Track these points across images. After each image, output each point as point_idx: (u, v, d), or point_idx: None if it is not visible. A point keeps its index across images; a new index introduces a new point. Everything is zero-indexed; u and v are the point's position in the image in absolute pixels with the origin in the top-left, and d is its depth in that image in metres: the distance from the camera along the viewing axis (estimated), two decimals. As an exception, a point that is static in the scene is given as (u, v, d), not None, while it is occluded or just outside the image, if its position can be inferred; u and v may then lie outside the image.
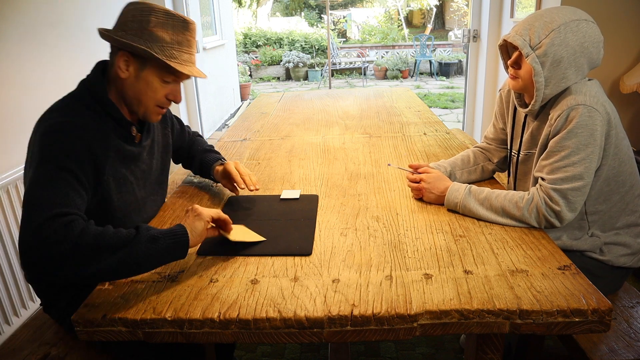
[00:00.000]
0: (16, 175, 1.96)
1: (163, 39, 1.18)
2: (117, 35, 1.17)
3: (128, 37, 1.16)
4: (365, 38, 13.53)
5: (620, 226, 1.38)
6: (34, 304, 2.06)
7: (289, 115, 2.73)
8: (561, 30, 1.24)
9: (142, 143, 1.33)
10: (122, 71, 1.19)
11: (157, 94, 1.22)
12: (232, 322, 0.95)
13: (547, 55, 1.25)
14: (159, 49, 1.17)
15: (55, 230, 0.94)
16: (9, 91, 2.02)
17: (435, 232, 1.26)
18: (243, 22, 14.91)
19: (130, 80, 1.20)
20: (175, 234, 1.04)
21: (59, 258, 0.92)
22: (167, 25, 1.18)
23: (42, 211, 0.97)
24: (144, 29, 1.17)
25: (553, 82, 1.28)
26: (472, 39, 3.75)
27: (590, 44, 1.26)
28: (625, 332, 1.28)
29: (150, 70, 1.19)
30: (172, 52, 1.19)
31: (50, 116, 1.17)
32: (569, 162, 1.24)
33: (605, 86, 2.74)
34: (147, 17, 1.17)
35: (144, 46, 1.15)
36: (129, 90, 1.22)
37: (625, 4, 2.64)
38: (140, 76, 1.20)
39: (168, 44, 1.18)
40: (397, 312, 0.94)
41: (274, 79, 11.00)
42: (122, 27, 1.18)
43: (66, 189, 1.05)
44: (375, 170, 1.74)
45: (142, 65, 1.19)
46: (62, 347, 1.29)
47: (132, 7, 1.19)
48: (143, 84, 1.20)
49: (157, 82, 1.21)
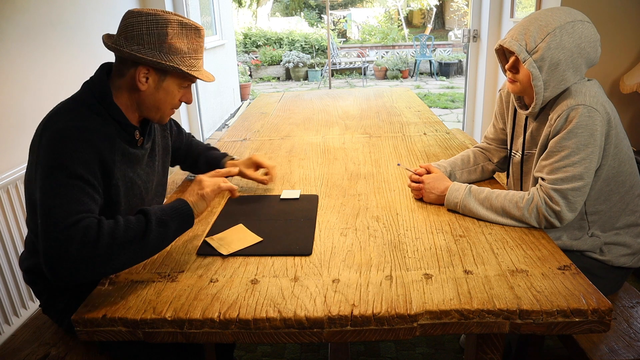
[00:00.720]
0: (16, 175, 1.96)
1: (181, 49, 1.19)
2: (133, 50, 1.16)
3: (148, 52, 1.16)
4: (365, 38, 13.53)
5: (620, 226, 1.38)
6: (34, 304, 2.06)
7: (289, 115, 2.73)
8: (557, 33, 1.24)
9: (144, 146, 1.34)
10: (141, 84, 1.20)
11: (174, 100, 1.26)
12: (232, 322, 0.95)
13: (544, 60, 1.25)
14: (180, 61, 1.19)
15: (73, 238, 0.98)
16: (9, 91, 2.02)
17: (435, 232, 1.26)
18: (243, 22, 14.91)
19: (150, 91, 1.22)
20: (181, 213, 1.12)
21: (82, 263, 0.98)
22: (183, 35, 1.20)
23: (58, 221, 1.00)
24: (163, 42, 1.17)
25: (552, 84, 1.28)
26: (472, 39, 3.75)
27: (587, 44, 1.26)
28: (625, 332, 1.28)
29: (170, 81, 1.22)
30: (191, 61, 1.22)
31: (56, 119, 1.16)
32: (569, 162, 1.24)
33: (605, 86, 2.74)
34: (164, 30, 1.16)
35: (167, 61, 1.17)
36: (148, 100, 1.23)
37: (625, 4, 2.64)
38: (160, 87, 1.22)
39: (186, 54, 1.21)
40: (397, 312, 0.94)
41: (274, 79, 11.00)
42: (136, 41, 1.16)
43: (79, 195, 1.06)
44: (375, 170, 1.74)
45: (162, 77, 1.21)
46: (62, 347, 1.29)
47: (141, 19, 1.17)
48: (163, 93, 1.23)
49: (176, 91, 1.25)
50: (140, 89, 1.20)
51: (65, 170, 1.07)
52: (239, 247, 1.21)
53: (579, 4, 2.64)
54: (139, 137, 1.30)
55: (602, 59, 2.70)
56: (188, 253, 1.20)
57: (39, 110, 2.20)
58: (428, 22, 16.12)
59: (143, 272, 1.12)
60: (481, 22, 3.67)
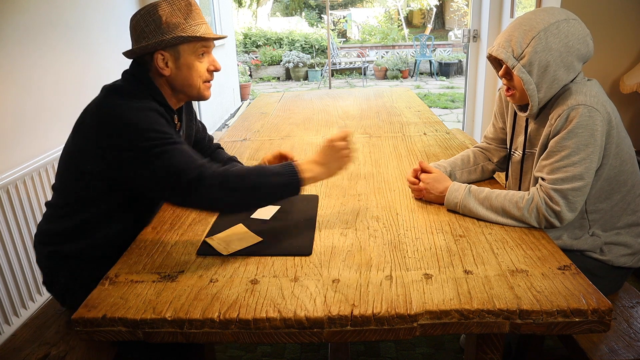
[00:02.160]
0: (16, 175, 1.96)
1: (179, 22, 1.27)
2: (143, 44, 1.26)
3: (152, 40, 1.25)
4: (365, 38, 13.53)
5: (621, 226, 1.38)
6: (34, 304, 2.06)
7: (289, 115, 2.73)
8: (541, 36, 1.25)
9: (180, 132, 1.44)
10: (164, 69, 1.29)
11: (200, 71, 1.32)
12: (232, 322, 0.95)
13: (532, 64, 1.26)
14: (182, 32, 1.26)
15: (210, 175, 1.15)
16: (9, 91, 2.02)
17: (435, 232, 1.26)
18: (243, 22, 14.91)
19: (174, 72, 1.30)
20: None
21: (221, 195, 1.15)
22: (175, 11, 1.27)
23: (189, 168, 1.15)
24: (160, 25, 1.25)
25: (545, 86, 1.29)
26: (472, 39, 3.75)
27: (575, 41, 1.26)
28: (625, 332, 1.28)
29: (185, 55, 1.29)
30: (193, 28, 1.28)
31: (112, 103, 1.24)
32: (569, 162, 1.24)
33: (605, 86, 2.74)
34: (156, 15, 1.26)
35: (170, 36, 1.25)
36: (177, 81, 1.31)
37: (625, 4, 2.64)
38: (180, 64, 1.29)
39: (185, 24, 1.27)
40: (397, 312, 0.94)
41: (274, 79, 11.00)
42: (142, 37, 1.27)
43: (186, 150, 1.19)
44: (375, 170, 1.74)
45: (176, 54, 1.28)
46: (62, 347, 1.30)
47: (137, 18, 1.28)
48: (185, 69, 1.30)
49: (195, 61, 1.31)
50: (165, 74, 1.29)
51: (154, 134, 1.17)
52: (239, 247, 1.21)
53: (578, 4, 2.63)
54: (177, 122, 1.40)
55: (602, 59, 2.70)
56: (188, 253, 1.20)
57: (39, 111, 2.20)
58: (428, 22, 16.11)
59: (143, 272, 1.12)
60: (481, 22, 3.67)
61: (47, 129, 2.24)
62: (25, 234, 2.01)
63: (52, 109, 2.28)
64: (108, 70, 2.86)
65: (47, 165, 2.15)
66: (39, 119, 2.20)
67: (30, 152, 2.12)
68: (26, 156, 2.09)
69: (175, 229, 1.33)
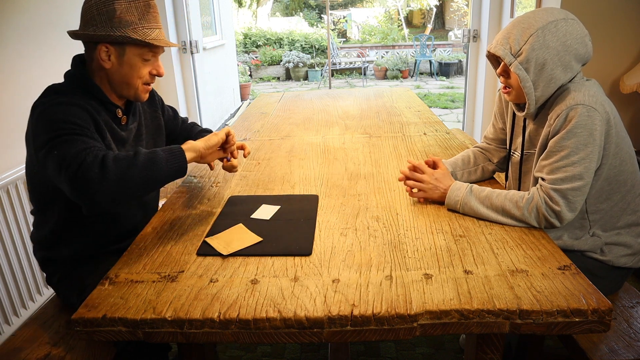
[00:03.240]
0: (16, 175, 1.96)
1: (132, 21, 1.24)
2: (89, 32, 1.24)
3: (101, 30, 1.23)
4: (365, 38, 13.53)
5: (621, 225, 1.37)
6: (34, 304, 2.06)
7: (289, 115, 2.73)
8: (539, 33, 1.26)
9: (129, 126, 1.40)
10: (105, 62, 1.27)
11: (141, 73, 1.31)
12: (232, 322, 0.95)
13: (529, 61, 1.27)
14: (132, 32, 1.24)
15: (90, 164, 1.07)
16: (9, 91, 2.02)
17: (435, 232, 1.26)
18: (243, 22, 14.90)
19: (115, 67, 1.28)
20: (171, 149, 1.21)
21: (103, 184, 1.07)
22: (132, 9, 1.25)
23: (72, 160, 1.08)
24: (112, 18, 1.23)
25: (542, 84, 1.29)
26: (472, 39, 3.74)
27: (573, 41, 1.27)
28: (625, 332, 1.28)
29: (130, 54, 1.27)
30: (144, 31, 1.26)
31: (43, 100, 1.24)
32: (568, 162, 1.24)
33: (605, 86, 2.74)
34: (112, 7, 1.23)
35: (119, 33, 1.23)
36: (115, 77, 1.29)
37: (625, 4, 2.64)
38: (122, 61, 1.27)
39: (138, 25, 1.25)
40: (397, 312, 0.94)
41: (274, 79, 11.00)
42: (91, 23, 1.25)
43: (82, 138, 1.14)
44: (375, 170, 1.74)
45: (121, 51, 1.26)
46: (62, 347, 1.30)
47: (92, 3, 1.25)
48: (127, 67, 1.28)
49: (139, 63, 1.29)
50: (105, 67, 1.27)
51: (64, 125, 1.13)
52: (239, 247, 1.21)
53: (579, 4, 2.63)
54: (121, 115, 1.35)
55: (602, 59, 2.70)
56: (188, 253, 1.20)
57: (39, 110, 2.20)
58: (428, 22, 16.11)
59: (143, 272, 1.12)
60: (481, 22, 3.67)
61: (47, 129, 2.24)
62: (25, 234, 2.01)
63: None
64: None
65: (47, 165, 2.15)
66: (39, 119, 2.20)
67: (30, 152, 2.12)
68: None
69: (175, 229, 1.33)
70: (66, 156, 1.09)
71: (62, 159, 1.09)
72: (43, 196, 1.32)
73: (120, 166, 1.09)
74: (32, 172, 1.30)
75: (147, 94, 1.37)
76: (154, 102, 1.57)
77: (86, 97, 1.27)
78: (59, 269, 1.41)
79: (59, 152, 1.10)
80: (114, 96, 1.34)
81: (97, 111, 1.26)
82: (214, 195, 1.57)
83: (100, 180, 1.06)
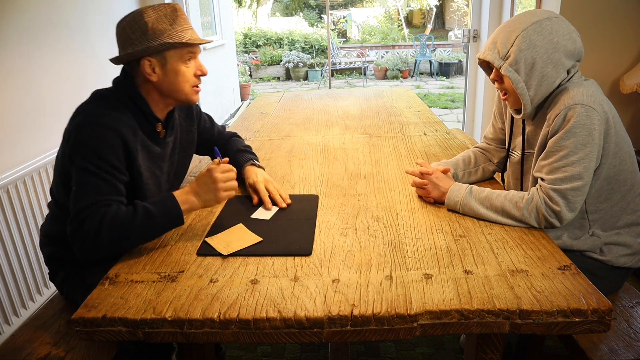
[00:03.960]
0: (16, 175, 1.96)
1: (165, 29, 1.27)
2: (129, 51, 1.27)
3: (139, 46, 1.26)
4: (365, 38, 13.52)
5: (621, 225, 1.37)
6: (34, 304, 2.06)
7: (289, 115, 2.73)
8: (524, 34, 1.27)
9: (166, 139, 1.42)
10: (151, 75, 1.29)
11: (187, 76, 1.33)
12: (232, 322, 0.95)
13: (518, 62, 1.28)
14: (168, 37, 1.27)
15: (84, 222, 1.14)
16: (9, 91, 2.02)
17: (435, 232, 1.26)
18: (243, 22, 14.90)
19: (161, 78, 1.30)
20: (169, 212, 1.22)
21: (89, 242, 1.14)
22: (161, 17, 1.27)
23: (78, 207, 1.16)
24: (146, 31, 1.26)
25: (534, 84, 1.30)
26: (472, 39, 3.74)
27: (560, 37, 1.28)
28: (625, 332, 1.28)
29: (172, 61, 1.29)
30: (179, 34, 1.29)
31: (88, 107, 1.28)
32: (567, 162, 1.24)
33: (605, 86, 2.74)
34: (142, 22, 1.26)
35: (157, 43, 1.25)
36: (164, 87, 1.32)
37: (625, 4, 2.64)
38: (167, 70, 1.30)
39: (172, 30, 1.28)
40: (397, 312, 0.94)
41: (274, 79, 10.99)
42: (129, 43, 1.27)
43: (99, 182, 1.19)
44: (375, 170, 1.74)
45: (163, 60, 1.29)
46: (62, 347, 1.30)
47: (123, 24, 1.28)
48: (172, 75, 1.30)
49: (182, 67, 1.31)
50: (152, 80, 1.29)
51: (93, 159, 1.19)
52: (239, 247, 1.21)
53: (578, 4, 2.63)
54: (161, 129, 1.39)
55: (602, 59, 2.70)
56: (188, 253, 1.20)
57: (39, 111, 2.20)
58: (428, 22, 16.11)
59: (143, 272, 1.12)
60: (481, 22, 3.66)
61: (47, 129, 2.24)
62: (25, 234, 2.01)
63: (52, 109, 2.28)
64: (107, 70, 2.85)
65: (47, 165, 2.15)
66: (39, 119, 2.20)
67: (30, 152, 2.12)
68: (26, 156, 2.09)
69: (176, 229, 1.33)
70: (77, 203, 1.17)
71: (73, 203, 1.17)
72: (67, 191, 1.31)
73: (114, 234, 1.15)
74: (62, 167, 1.31)
75: (198, 95, 1.40)
76: (191, 116, 1.57)
77: (128, 109, 1.30)
78: (65, 267, 1.42)
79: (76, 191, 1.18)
80: (158, 109, 1.36)
81: (134, 130, 1.28)
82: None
83: (92, 246, 1.15)
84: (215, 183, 1.26)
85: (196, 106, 1.61)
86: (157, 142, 1.38)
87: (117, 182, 1.22)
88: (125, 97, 1.30)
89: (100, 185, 1.19)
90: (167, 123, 1.42)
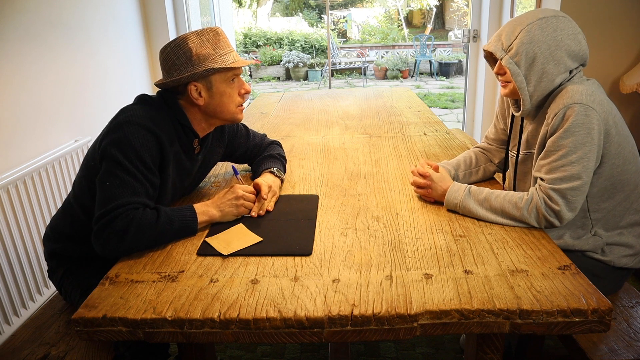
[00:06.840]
0: (16, 175, 1.96)
1: (209, 54, 1.31)
2: (175, 77, 1.30)
3: (185, 72, 1.30)
4: (365, 38, 13.53)
5: (624, 225, 1.37)
6: (34, 304, 2.06)
7: (289, 115, 2.73)
8: (529, 29, 1.29)
9: (198, 156, 1.46)
10: (198, 99, 1.33)
11: (233, 97, 1.38)
12: (232, 322, 0.95)
13: (519, 55, 1.29)
14: (212, 62, 1.30)
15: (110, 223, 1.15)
16: (9, 91, 2.02)
17: (435, 232, 1.26)
18: (243, 22, 14.90)
19: (207, 101, 1.35)
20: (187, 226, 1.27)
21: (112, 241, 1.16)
22: (204, 42, 1.31)
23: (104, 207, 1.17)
24: (190, 57, 1.29)
25: (534, 79, 1.30)
26: (472, 39, 3.74)
27: (564, 36, 1.28)
28: (625, 332, 1.28)
29: (217, 84, 1.33)
30: (222, 58, 1.32)
31: (133, 107, 1.31)
32: (566, 162, 1.24)
33: (605, 86, 2.74)
34: (186, 47, 1.29)
35: (202, 68, 1.29)
36: (211, 109, 1.36)
37: (625, 4, 2.64)
38: (212, 93, 1.34)
39: (215, 55, 1.31)
40: (397, 312, 0.94)
41: (274, 79, 10.99)
42: (174, 69, 1.31)
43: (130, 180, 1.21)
44: (375, 170, 1.74)
45: (209, 84, 1.33)
46: (62, 347, 1.30)
47: (167, 50, 1.31)
48: (218, 97, 1.35)
49: (227, 89, 1.36)
50: (199, 104, 1.34)
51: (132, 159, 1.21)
52: (239, 247, 1.21)
53: (579, 4, 2.63)
54: (197, 145, 1.43)
55: (602, 59, 2.70)
56: (188, 253, 1.20)
57: (39, 111, 2.20)
58: (428, 22, 16.10)
59: (143, 272, 1.12)
60: (481, 22, 3.66)
61: (47, 129, 2.24)
62: (25, 234, 2.01)
63: (52, 109, 2.28)
64: (107, 70, 2.86)
65: (47, 165, 2.14)
66: (39, 119, 2.20)
67: (30, 152, 2.12)
68: (26, 156, 2.09)
69: (175, 229, 1.33)
70: (107, 202, 1.18)
71: (103, 200, 1.19)
72: (89, 184, 1.32)
73: (137, 237, 1.17)
74: (90, 162, 1.32)
75: (242, 113, 1.44)
76: (222, 138, 1.59)
77: (170, 119, 1.33)
78: (65, 265, 1.42)
79: (110, 187, 1.19)
80: (199, 128, 1.40)
81: (171, 140, 1.31)
82: (214, 196, 1.57)
83: (115, 246, 1.17)
84: (238, 200, 1.34)
85: (229, 129, 1.62)
86: (190, 157, 1.42)
87: (149, 185, 1.25)
88: (167, 109, 1.34)
89: (135, 186, 1.21)
90: (204, 141, 1.46)
